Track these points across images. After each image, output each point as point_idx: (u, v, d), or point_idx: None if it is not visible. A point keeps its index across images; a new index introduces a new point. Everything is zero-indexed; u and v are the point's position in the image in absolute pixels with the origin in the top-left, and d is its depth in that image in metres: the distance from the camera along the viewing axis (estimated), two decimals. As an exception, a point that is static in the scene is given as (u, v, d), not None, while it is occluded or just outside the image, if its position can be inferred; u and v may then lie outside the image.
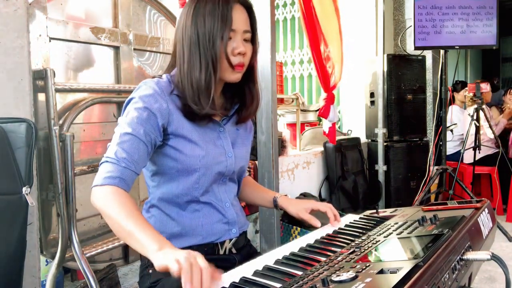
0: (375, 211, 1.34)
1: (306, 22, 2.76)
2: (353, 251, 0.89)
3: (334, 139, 3.13)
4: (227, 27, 1.02)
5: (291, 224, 2.55)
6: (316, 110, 3.82)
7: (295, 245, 1.02)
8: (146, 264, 1.09)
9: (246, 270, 0.86)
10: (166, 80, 1.08)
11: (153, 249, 0.81)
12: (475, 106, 3.45)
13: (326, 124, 3.07)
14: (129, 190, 0.97)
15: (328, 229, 1.17)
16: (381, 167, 3.61)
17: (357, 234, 1.07)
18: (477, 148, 3.51)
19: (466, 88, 4.13)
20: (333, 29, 3.00)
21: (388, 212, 1.32)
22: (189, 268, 0.73)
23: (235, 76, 1.07)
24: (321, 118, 3.19)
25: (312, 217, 1.21)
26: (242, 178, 1.25)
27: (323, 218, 1.24)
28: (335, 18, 3.02)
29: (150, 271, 1.08)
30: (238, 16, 1.04)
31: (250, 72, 1.13)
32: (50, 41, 1.63)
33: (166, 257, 0.77)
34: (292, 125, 3.49)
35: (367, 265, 0.76)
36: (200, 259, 0.77)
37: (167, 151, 1.05)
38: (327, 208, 1.23)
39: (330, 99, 2.99)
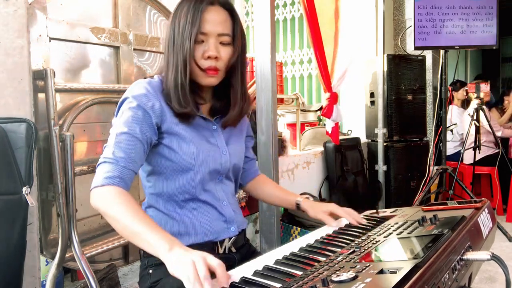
0: (375, 211, 1.34)
1: (309, 21, 2.75)
2: (353, 251, 0.89)
3: (337, 139, 3.12)
4: (195, 29, 1.01)
5: (291, 224, 2.54)
6: (316, 110, 3.82)
7: (295, 245, 1.02)
8: (146, 264, 1.09)
9: (246, 270, 0.86)
10: (158, 80, 1.09)
11: (164, 250, 0.80)
12: (475, 106, 3.45)
13: (329, 124, 3.07)
14: (128, 189, 0.97)
15: (328, 229, 1.17)
16: (381, 167, 3.61)
17: (357, 234, 1.07)
18: (477, 148, 3.51)
19: (466, 87, 4.13)
20: (328, 31, 3.01)
21: (388, 212, 1.32)
22: (196, 276, 0.73)
23: (208, 80, 1.06)
24: (324, 117, 3.19)
25: (329, 218, 1.21)
26: (238, 177, 1.25)
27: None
28: (333, 19, 3.02)
29: (150, 271, 1.08)
30: (212, 18, 1.03)
31: (232, 74, 1.11)
32: (50, 41, 1.63)
33: (179, 265, 0.76)
34: (292, 125, 3.49)
35: (367, 265, 0.76)
36: (210, 259, 0.77)
37: (161, 150, 1.06)
38: (346, 214, 1.21)
39: (333, 99, 2.98)
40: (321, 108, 3.66)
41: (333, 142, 3.14)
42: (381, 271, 0.71)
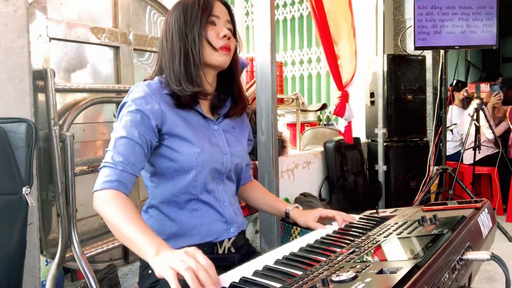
0: (375, 211, 1.34)
1: (317, 20, 2.72)
2: (353, 251, 0.89)
3: (351, 138, 3.11)
4: (207, 12, 1.07)
5: (291, 224, 2.54)
6: (316, 110, 3.81)
7: (295, 245, 1.02)
8: (146, 264, 1.10)
9: (246, 270, 0.86)
10: (157, 82, 1.10)
11: (151, 254, 0.81)
12: (475, 106, 3.45)
13: (341, 123, 3.06)
14: (128, 192, 0.98)
15: (327, 230, 1.17)
16: (381, 167, 3.61)
17: (357, 234, 1.07)
18: (477, 148, 3.51)
19: (466, 88, 4.13)
20: (344, 27, 2.98)
21: (388, 212, 1.32)
22: (192, 274, 0.73)
23: (222, 58, 1.09)
24: (324, 117, 3.18)
25: (319, 224, 1.23)
26: (241, 177, 1.25)
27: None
28: (349, 15, 3.00)
29: (150, 271, 1.08)
30: (220, 8, 1.10)
31: (235, 67, 1.17)
32: (50, 41, 1.63)
33: (163, 265, 0.77)
34: (292, 125, 3.49)
35: (367, 265, 0.76)
36: (199, 256, 0.78)
37: (163, 151, 1.06)
38: (335, 213, 1.24)
39: (344, 97, 2.97)
40: (321, 108, 3.67)
41: (347, 141, 3.13)
42: (381, 271, 0.71)
